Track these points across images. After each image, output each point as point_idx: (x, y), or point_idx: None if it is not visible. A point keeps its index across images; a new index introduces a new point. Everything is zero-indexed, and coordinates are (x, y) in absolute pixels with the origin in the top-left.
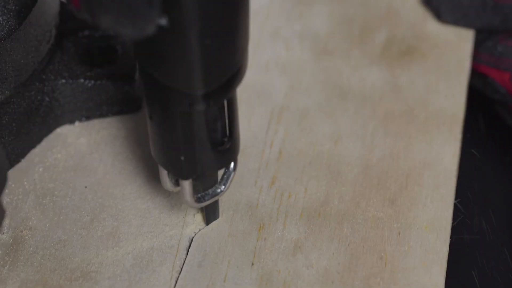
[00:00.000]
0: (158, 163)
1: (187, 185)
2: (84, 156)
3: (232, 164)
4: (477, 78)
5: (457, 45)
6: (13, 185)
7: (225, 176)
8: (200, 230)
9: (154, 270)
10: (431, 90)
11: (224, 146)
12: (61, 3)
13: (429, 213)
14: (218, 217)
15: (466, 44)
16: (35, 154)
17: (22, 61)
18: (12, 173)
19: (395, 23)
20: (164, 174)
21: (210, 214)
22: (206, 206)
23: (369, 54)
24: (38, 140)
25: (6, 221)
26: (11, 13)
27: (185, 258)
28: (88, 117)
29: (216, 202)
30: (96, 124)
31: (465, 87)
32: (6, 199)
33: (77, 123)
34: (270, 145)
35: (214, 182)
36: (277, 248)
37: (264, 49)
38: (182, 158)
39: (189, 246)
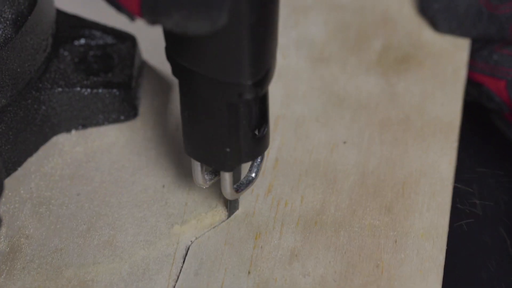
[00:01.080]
0: (195, 159)
1: (228, 177)
2: (80, 165)
3: None
4: (472, 87)
5: (453, 53)
6: (9, 194)
7: (255, 164)
8: (196, 238)
9: (151, 278)
10: (427, 98)
11: (261, 133)
12: (58, 12)
13: (426, 221)
14: (238, 208)
15: (462, 53)
16: (31, 162)
17: (18, 69)
18: (8, 182)
19: (391, 31)
20: (198, 170)
21: (232, 205)
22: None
23: (365, 62)
24: (35, 149)
25: (3, 230)
26: (7, 22)
27: (182, 267)
28: (85, 126)
29: None
30: (93, 133)
31: (461, 95)
32: (2, 208)
33: (73, 132)
34: (266, 153)
35: (239, 174)
36: (273, 256)
37: None
38: (228, 150)
39: (186, 255)
